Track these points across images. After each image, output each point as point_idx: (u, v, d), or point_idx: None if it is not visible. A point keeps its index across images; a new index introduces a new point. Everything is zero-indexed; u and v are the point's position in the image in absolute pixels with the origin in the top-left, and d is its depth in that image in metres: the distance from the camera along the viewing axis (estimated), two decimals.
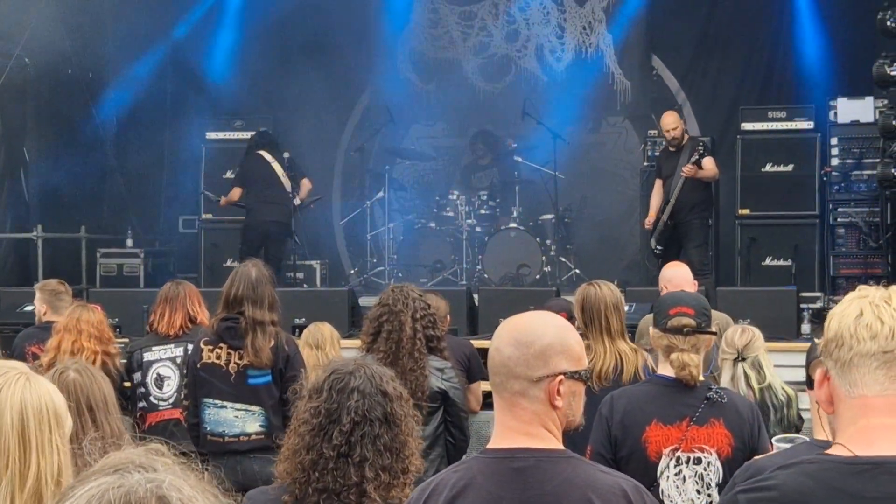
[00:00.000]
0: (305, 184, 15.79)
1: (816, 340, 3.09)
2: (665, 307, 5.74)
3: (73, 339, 8.66)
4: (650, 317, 6.26)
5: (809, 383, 4.82)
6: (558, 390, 3.57)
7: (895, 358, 2.82)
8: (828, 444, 2.97)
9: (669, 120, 14.51)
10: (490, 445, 3.66)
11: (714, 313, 6.89)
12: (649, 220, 14.48)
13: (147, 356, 8.90)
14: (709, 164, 14.20)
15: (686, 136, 14.50)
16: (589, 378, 3.71)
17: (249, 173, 15.65)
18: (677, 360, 5.59)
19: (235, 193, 15.59)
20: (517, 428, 3.59)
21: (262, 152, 15.60)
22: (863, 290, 2.93)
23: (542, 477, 3.53)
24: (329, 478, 4.20)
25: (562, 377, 3.58)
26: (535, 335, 3.60)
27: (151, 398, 8.88)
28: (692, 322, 5.62)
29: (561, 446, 3.62)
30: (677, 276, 8.26)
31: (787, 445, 5.04)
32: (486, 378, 9.30)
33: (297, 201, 15.57)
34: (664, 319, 5.68)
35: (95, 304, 9.64)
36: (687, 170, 14.05)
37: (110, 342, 8.92)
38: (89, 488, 2.00)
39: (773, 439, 5.66)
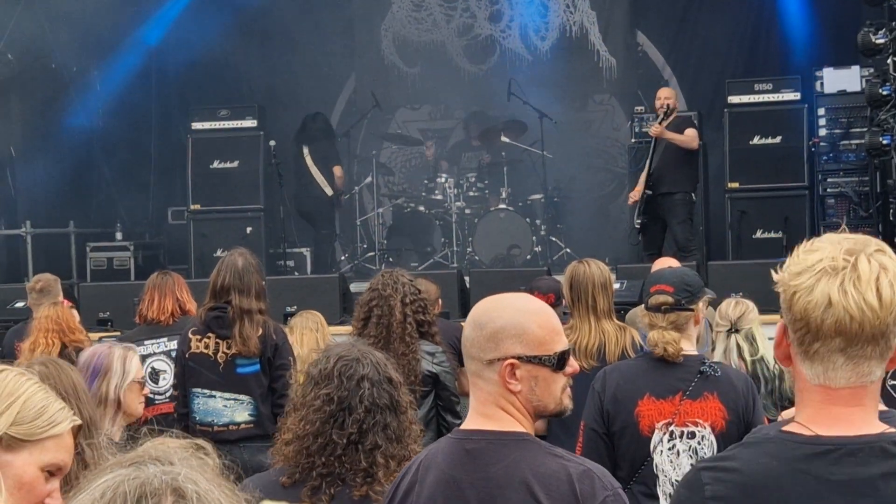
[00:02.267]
0: (336, 171, 16.56)
1: (775, 277, 2.95)
2: (648, 285, 5.79)
3: (33, 339, 8.76)
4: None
5: None
6: (513, 374, 3.54)
7: (862, 355, 2.73)
8: None
9: (667, 91, 14.54)
10: (461, 426, 3.68)
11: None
12: (633, 195, 14.38)
13: (140, 350, 8.87)
14: (689, 132, 14.11)
15: (675, 115, 14.41)
16: (555, 364, 3.60)
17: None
18: (652, 338, 5.61)
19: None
20: (477, 408, 3.61)
21: (304, 148, 16.57)
22: (827, 250, 2.76)
23: (488, 459, 3.53)
24: (336, 463, 4.22)
25: (514, 361, 3.54)
26: (489, 318, 3.58)
27: (147, 393, 8.86)
28: (669, 299, 5.63)
29: (520, 428, 3.58)
30: None
31: None
32: None
33: (329, 191, 16.10)
34: (646, 297, 5.72)
35: (64, 300, 9.69)
36: (654, 129, 14.01)
37: (74, 332, 8.95)
38: (105, 480, 2.01)
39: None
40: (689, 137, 14.07)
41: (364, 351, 4.40)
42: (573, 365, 3.66)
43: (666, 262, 8.43)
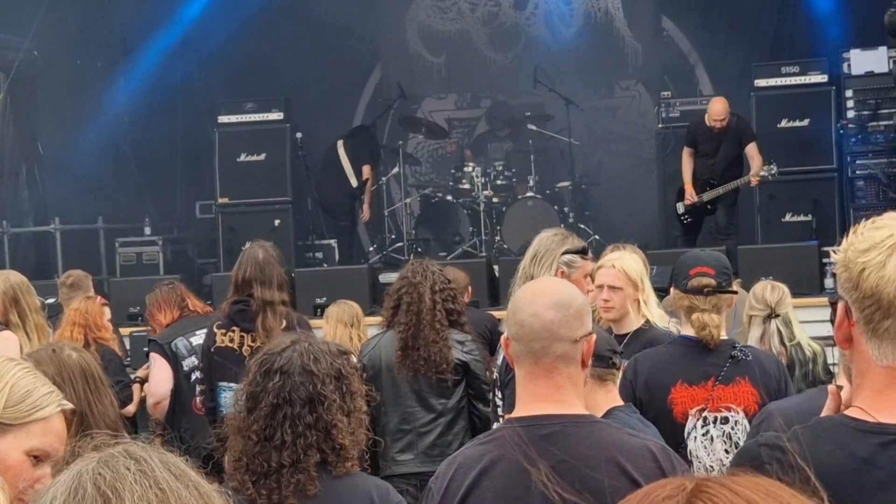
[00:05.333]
0: (364, 171, 16.58)
1: (833, 256, 2.87)
2: (685, 267, 5.69)
3: (61, 330, 8.95)
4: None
5: None
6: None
7: None
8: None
9: (720, 108, 14.23)
10: (515, 414, 3.64)
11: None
12: (691, 197, 14.29)
13: (195, 340, 8.88)
14: (754, 151, 14.20)
15: (732, 119, 14.34)
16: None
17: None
18: (698, 321, 5.55)
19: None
20: (546, 395, 3.59)
21: (339, 141, 16.62)
22: (895, 227, 2.72)
23: (569, 442, 3.53)
24: (256, 461, 4.14)
25: (593, 335, 3.65)
26: (570, 296, 3.64)
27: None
28: (712, 282, 5.57)
29: (585, 411, 3.61)
30: None
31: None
32: None
33: (354, 182, 16.31)
34: (684, 280, 5.62)
35: (98, 297, 9.74)
36: (756, 181, 14.00)
37: (100, 329, 9.05)
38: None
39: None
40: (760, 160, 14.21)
41: (292, 343, 4.32)
42: None
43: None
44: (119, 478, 1.92)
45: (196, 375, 8.84)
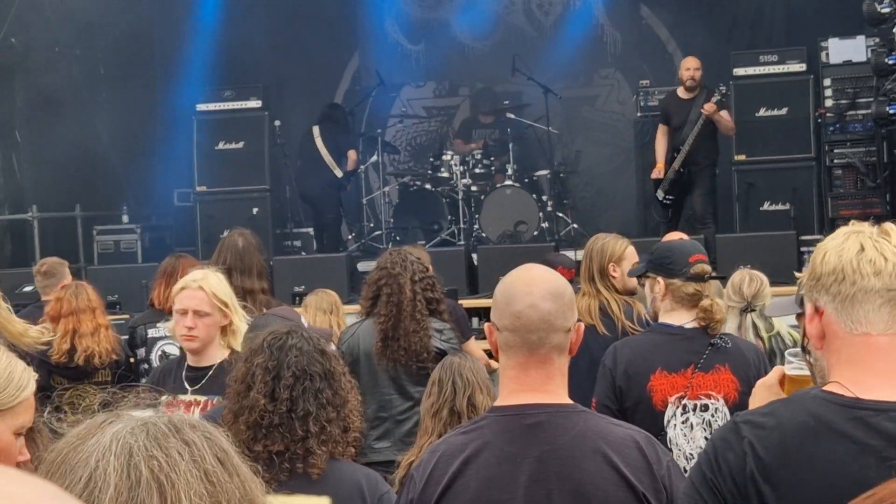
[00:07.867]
0: (351, 155, 16.30)
1: (798, 275, 3.02)
2: (682, 256, 5.69)
3: (75, 319, 8.47)
4: None
5: None
6: None
7: None
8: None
9: (693, 61, 14.57)
10: (499, 403, 3.63)
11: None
12: (658, 170, 14.37)
13: (151, 332, 8.84)
14: (727, 115, 14.26)
15: (701, 84, 14.49)
16: None
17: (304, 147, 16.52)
18: (713, 307, 5.57)
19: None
20: (536, 386, 3.58)
21: (314, 128, 16.29)
22: (857, 225, 2.85)
23: (554, 432, 3.52)
24: (276, 434, 4.16)
25: (581, 323, 3.66)
26: (562, 285, 3.64)
27: None
28: (709, 268, 5.65)
29: (570, 401, 3.61)
30: None
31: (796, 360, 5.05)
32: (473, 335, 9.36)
33: (338, 172, 16.05)
34: (685, 268, 5.63)
35: (81, 281, 9.61)
36: (708, 107, 14.03)
37: (103, 315, 8.93)
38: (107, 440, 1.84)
39: (786, 352, 5.66)
40: (732, 124, 14.44)
41: (297, 326, 4.40)
42: None
43: (677, 236, 8.43)
44: (173, 465, 1.80)
45: (143, 367, 8.81)
